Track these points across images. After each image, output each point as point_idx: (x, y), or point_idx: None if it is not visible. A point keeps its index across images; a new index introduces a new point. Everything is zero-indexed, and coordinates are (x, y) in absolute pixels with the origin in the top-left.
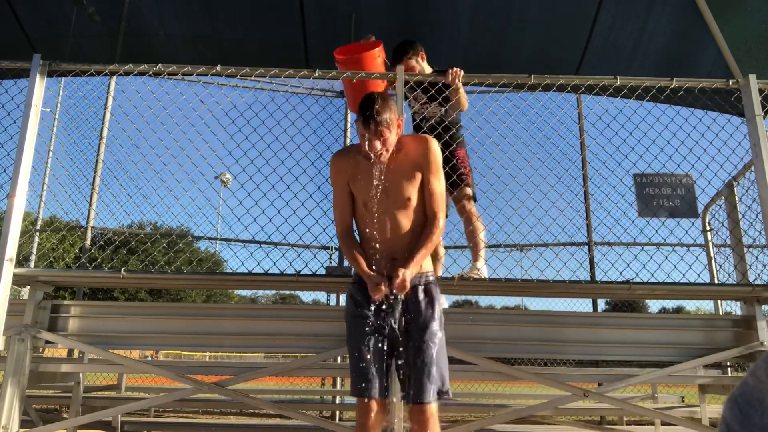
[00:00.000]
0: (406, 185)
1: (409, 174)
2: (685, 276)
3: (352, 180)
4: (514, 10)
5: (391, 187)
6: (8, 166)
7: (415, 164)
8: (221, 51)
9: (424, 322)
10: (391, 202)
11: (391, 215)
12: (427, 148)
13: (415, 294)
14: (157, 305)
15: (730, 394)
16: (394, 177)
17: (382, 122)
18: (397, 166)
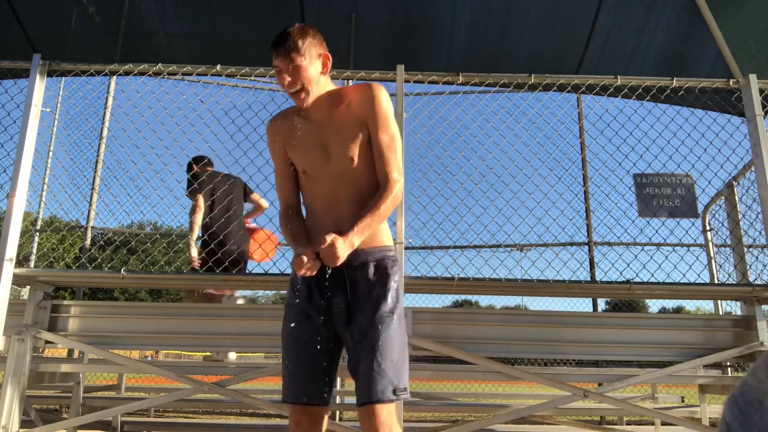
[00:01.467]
0: (347, 143)
1: (350, 129)
2: (685, 276)
3: (288, 145)
4: (514, 10)
5: (330, 146)
6: (8, 166)
7: (358, 117)
8: (221, 51)
9: (373, 304)
10: (332, 166)
11: (333, 181)
12: (371, 95)
13: (364, 271)
14: (157, 305)
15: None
16: (333, 134)
17: (292, 47)
18: (337, 121)
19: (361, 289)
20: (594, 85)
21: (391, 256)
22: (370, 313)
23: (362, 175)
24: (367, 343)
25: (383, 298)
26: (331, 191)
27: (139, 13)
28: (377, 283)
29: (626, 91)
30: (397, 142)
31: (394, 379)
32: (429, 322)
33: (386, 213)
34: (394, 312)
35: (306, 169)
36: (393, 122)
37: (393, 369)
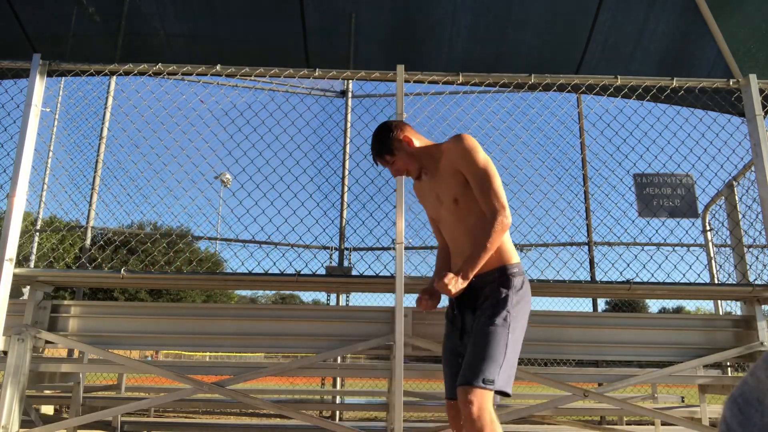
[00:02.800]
0: (449, 188)
1: (449, 176)
2: (685, 276)
3: (423, 200)
4: (514, 10)
5: (440, 194)
6: (8, 166)
7: (452, 166)
8: (221, 51)
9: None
10: (444, 209)
11: (448, 222)
12: (457, 146)
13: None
14: (157, 305)
15: (730, 394)
16: (439, 184)
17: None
18: (440, 172)
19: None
20: (594, 85)
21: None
22: (483, 313)
23: (469, 213)
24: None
25: (488, 306)
26: (450, 230)
27: (139, 13)
28: (490, 298)
29: (626, 91)
30: (491, 175)
31: (485, 371)
32: (429, 322)
33: (495, 242)
34: (495, 317)
35: (432, 215)
36: (481, 161)
37: (484, 362)
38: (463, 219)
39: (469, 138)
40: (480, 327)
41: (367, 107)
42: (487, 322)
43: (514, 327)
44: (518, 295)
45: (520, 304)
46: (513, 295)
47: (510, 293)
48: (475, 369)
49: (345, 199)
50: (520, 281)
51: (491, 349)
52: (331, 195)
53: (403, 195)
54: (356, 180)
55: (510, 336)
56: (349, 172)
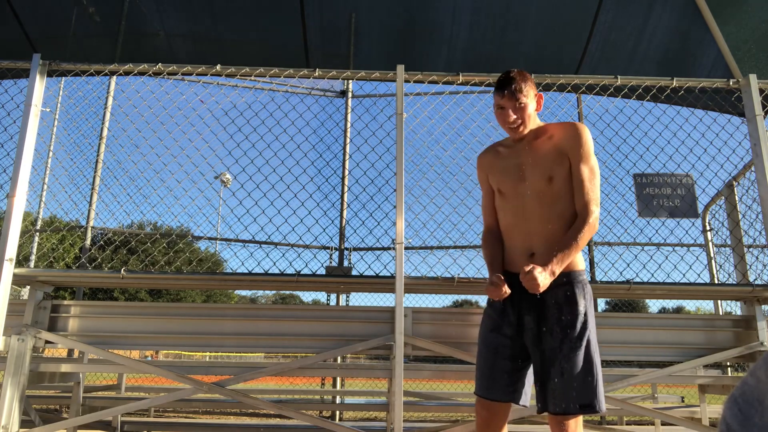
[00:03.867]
0: (546, 166)
1: (550, 155)
2: (685, 276)
3: (491, 172)
4: (514, 10)
5: (528, 169)
6: (8, 166)
7: (560, 148)
8: (221, 51)
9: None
10: (528, 186)
11: (527, 200)
12: (578, 132)
13: (554, 295)
14: (157, 305)
15: (730, 394)
16: (533, 159)
17: (517, 88)
18: (537, 147)
19: (551, 311)
20: (594, 85)
21: (581, 281)
22: (560, 338)
23: (557, 199)
24: (557, 366)
25: (572, 325)
26: (523, 209)
27: (139, 13)
28: (565, 308)
29: (626, 91)
30: (597, 176)
31: (583, 398)
32: (429, 322)
33: (584, 242)
34: (582, 338)
35: (501, 187)
36: (594, 158)
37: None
38: (549, 203)
39: (588, 130)
40: (567, 353)
41: (367, 107)
42: (576, 347)
43: (596, 346)
44: (592, 307)
45: (594, 317)
46: (590, 310)
47: (588, 307)
48: (570, 398)
49: (345, 199)
50: (590, 291)
51: (584, 373)
52: (331, 195)
53: (402, 195)
54: (356, 180)
55: (595, 355)
56: (349, 172)
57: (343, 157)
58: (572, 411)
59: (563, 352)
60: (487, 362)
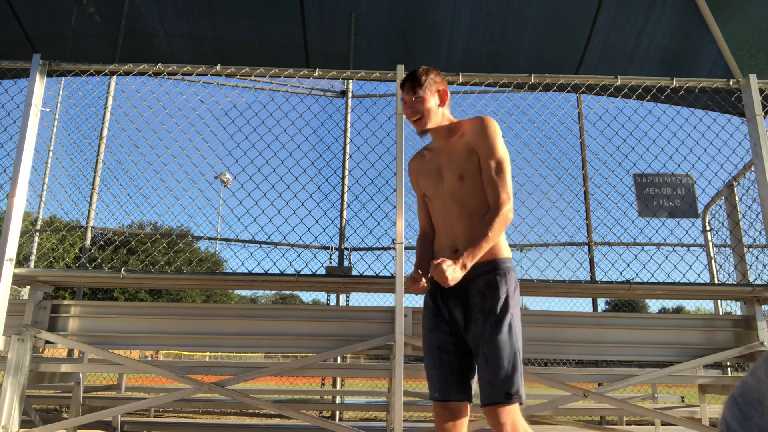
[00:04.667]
0: (458, 163)
1: (460, 153)
2: (685, 276)
3: (418, 177)
4: (514, 10)
5: (443, 169)
6: (8, 166)
7: (468, 144)
8: (221, 51)
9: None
10: (445, 187)
11: (446, 201)
12: (480, 125)
13: (476, 285)
14: (157, 305)
15: (730, 394)
16: (447, 159)
17: (416, 82)
18: (450, 147)
19: (475, 301)
20: (594, 85)
21: (504, 268)
22: (481, 324)
23: (471, 195)
24: (481, 354)
25: (492, 311)
26: (444, 209)
27: (139, 13)
28: (487, 295)
29: (626, 91)
30: (506, 167)
31: (508, 385)
32: None
33: (496, 233)
34: (502, 322)
35: (426, 191)
36: (501, 149)
37: (505, 376)
38: (463, 201)
39: (494, 122)
40: (488, 337)
41: (367, 107)
42: (496, 331)
43: (518, 330)
44: (516, 295)
45: (517, 302)
46: (512, 295)
47: (510, 292)
48: (497, 386)
49: (345, 199)
50: (515, 278)
51: (507, 360)
52: (331, 195)
53: (402, 195)
54: (356, 180)
55: (517, 341)
56: (349, 172)
57: (343, 157)
58: (497, 400)
59: (484, 337)
60: (434, 363)
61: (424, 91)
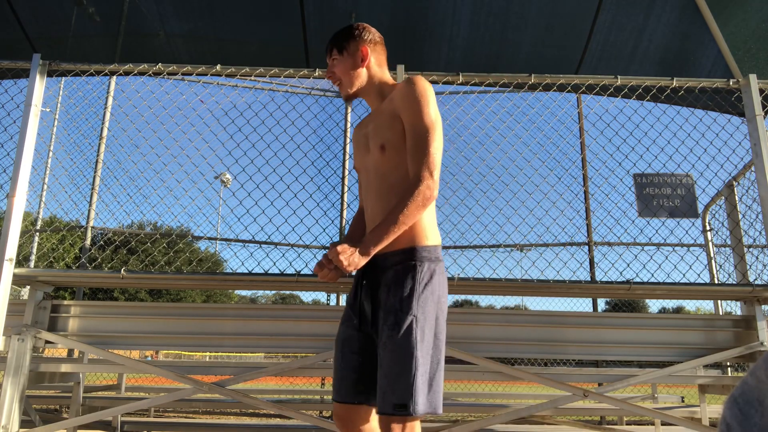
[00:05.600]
0: (380, 132)
1: (385, 119)
2: (685, 276)
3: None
4: (513, 10)
5: (369, 139)
6: (8, 166)
7: (393, 109)
8: (221, 51)
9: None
10: (370, 159)
11: (370, 174)
12: (407, 87)
13: (386, 276)
14: (157, 305)
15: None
16: (372, 127)
17: (336, 41)
18: (379, 113)
19: (383, 294)
20: (594, 85)
21: (420, 257)
22: (382, 322)
23: (393, 169)
24: (381, 354)
25: (392, 309)
26: (368, 185)
27: (139, 13)
28: (392, 288)
29: (626, 91)
30: (433, 136)
31: (396, 397)
32: None
33: (411, 215)
34: (401, 323)
35: (356, 164)
36: (429, 115)
37: (395, 386)
38: (384, 175)
39: (424, 82)
40: (384, 341)
41: (368, 107)
42: (392, 333)
43: (423, 336)
44: (427, 289)
45: (429, 301)
46: (419, 292)
47: (416, 287)
48: (386, 395)
49: (345, 199)
50: (430, 270)
51: (398, 366)
52: (331, 195)
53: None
54: (356, 180)
55: (419, 347)
56: (349, 172)
57: (343, 157)
58: (386, 410)
59: (381, 339)
60: (336, 359)
61: (342, 52)
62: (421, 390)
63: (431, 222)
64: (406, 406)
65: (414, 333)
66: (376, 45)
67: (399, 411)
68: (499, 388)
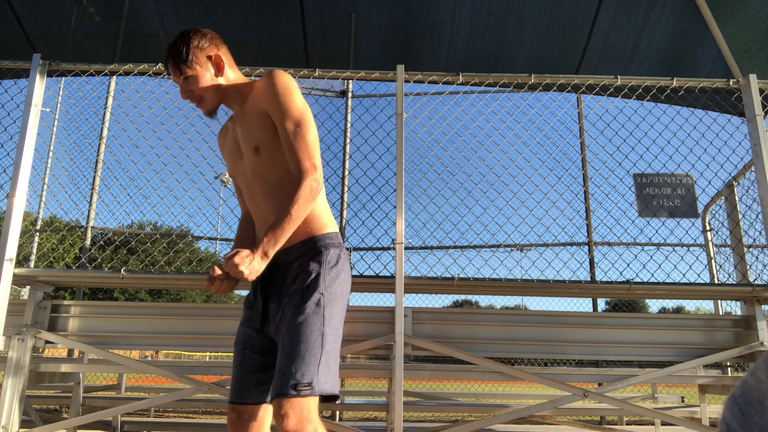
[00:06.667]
0: (251, 133)
1: (254, 119)
2: (685, 276)
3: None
4: (513, 10)
5: (240, 142)
6: (8, 166)
7: (259, 107)
8: None
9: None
10: (245, 162)
11: (248, 179)
12: (268, 81)
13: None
14: (157, 305)
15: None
16: (241, 130)
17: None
18: (245, 114)
19: (288, 285)
20: (594, 85)
21: (323, 245)
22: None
23: (271, 169)
24: (285, 336)
25: (298, 289)
26: (249, 189)
27: (139, 13)
28: (299, 278)
29: (626, 91)
30: (306, 126)
31: (298, 373)
32: (429, 322)
33: (301, 211)
34: (306, 301)
35: (230, 171)
36: (296, 107)
37: (297, 362)
38: (264, 176)
39: (284, 75)
40: (288, 320)
41: (367, 107)
42: (296, 312)
43: (331, 312)
44: (333, 271)
45: (336, 283)
46: (326, 273)
47: (322, 270)
48: (286, 374)
49: (345, 199)
50: (336, 255)
51: (304, 344)
52: (331, 195)
53: (402, 195)
54: (356, 180)
55: (326, 323)
56: (349, 172)
57: (343, 157)
58: (285, 391)
59: (286, 320)
60: (236, 360)
61: (193, 67)
62: (327, 368)
63: (326, 210)
64: (310, 384)
65: (322, 310)
66: (220, 46)
67: (303, 390)
68: (499, 388)
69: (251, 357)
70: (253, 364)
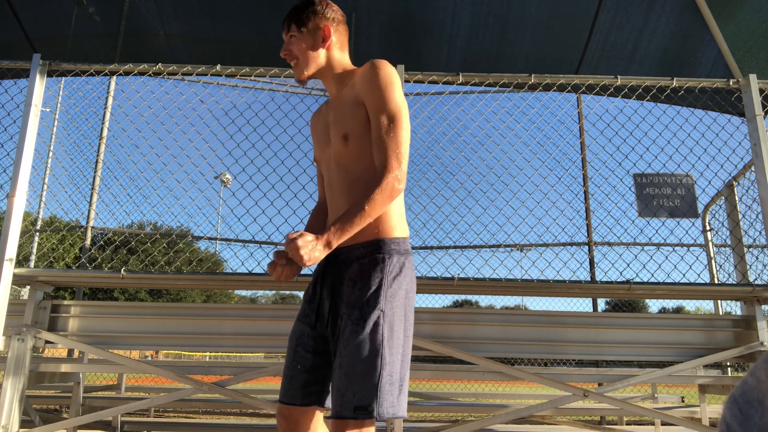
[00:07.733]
0: (343, 120)
1: (348, 106)
2: (685, 276)
3: (313, 138)
4: (513, 10)
5: (330, 128)
6: (8, 166)
7: (356, 96)
8: (221, 51)
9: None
10: (331, 148)
11: (331, 167)
12: (370, 71)
13: (350, 271)
14: (157, 305)
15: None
16: (333, 116)
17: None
18: (340, 100)
19: (346, 290)
20: (594, 85)
21: (388, 251)
22: (344, 319)
23: (356, 160)
24: (337, 355)
25: (357, 303)
26: (329, 177)
27: (139, 13)
28: (357, 284)
29: (626, 91)
30: (400, 123)
31: (357, 399)
32: (429, 322)
33: (376, 208)
34: (367, 320)
35: (316, 155)
36: (395, 102)
37: (356, 387)
38: (347, 167)
39: (388, 66)
40: (347, 338)
41: None
42: (354, 330)
43: (391, 331)
44: (395, 283)
45: (398, 296)
46: (387, 285)
47: (384, 281)
48: (345, 397)
49: None
50: (400, 263)
51: (361, 365)
52: None
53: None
54: None
55: (386, 343)
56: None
57: None
58: (344, 414)
59: (344, 336)
60: (288, 357)
61: (300, 29)
62: (387, 391)
63: (400, 214)
64: (368, 408)
65: (381, 329)
66: (339, 24)
67: (360, 414)
68: (499, 388)
69: (303, 356)
70: (303, 363)
